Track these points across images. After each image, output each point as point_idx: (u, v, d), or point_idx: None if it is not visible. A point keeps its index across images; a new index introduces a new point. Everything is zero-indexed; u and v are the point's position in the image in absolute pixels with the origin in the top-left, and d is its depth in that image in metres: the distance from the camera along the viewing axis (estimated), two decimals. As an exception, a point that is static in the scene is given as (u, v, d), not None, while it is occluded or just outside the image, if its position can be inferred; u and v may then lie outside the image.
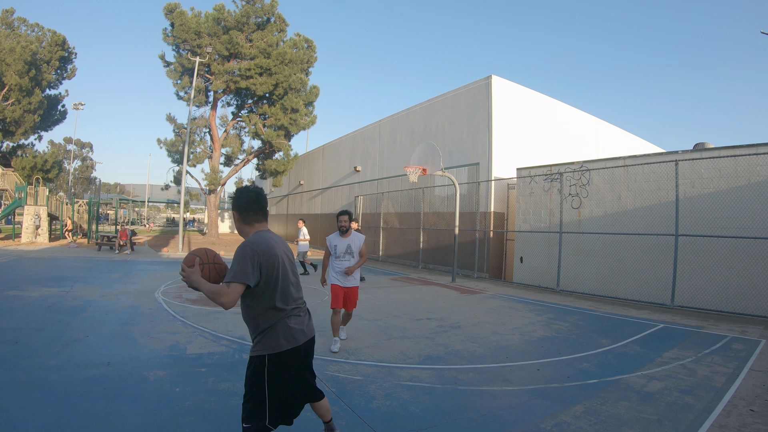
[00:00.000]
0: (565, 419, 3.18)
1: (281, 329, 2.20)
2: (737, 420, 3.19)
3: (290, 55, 22.65)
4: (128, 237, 16.57)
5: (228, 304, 2.02)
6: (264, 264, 2.10)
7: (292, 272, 2.31)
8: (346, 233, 4.93)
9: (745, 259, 7.21)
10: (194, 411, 3.09)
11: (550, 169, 10.67)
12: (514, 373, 4.23)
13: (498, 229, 12.46)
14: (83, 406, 3.09)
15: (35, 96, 24.75)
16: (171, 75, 23.47)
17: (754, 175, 7.29)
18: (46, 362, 3.96)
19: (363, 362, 4.40)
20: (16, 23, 26.28)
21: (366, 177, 19.50)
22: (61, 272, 10.06)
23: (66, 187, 49.36)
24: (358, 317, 6.42)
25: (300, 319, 2.31)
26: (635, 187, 8.98)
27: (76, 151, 56.11)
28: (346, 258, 4.88)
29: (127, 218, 44.16)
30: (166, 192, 31.75)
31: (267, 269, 2.12)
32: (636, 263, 8.72)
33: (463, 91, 13.92)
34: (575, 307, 7.93)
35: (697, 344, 5.40)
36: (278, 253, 2.20)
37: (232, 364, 4.17)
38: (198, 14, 22.39)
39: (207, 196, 25.24)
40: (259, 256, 2.09)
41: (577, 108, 15.80)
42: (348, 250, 4.89)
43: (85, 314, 5.96)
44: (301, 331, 2.28)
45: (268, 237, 2.23)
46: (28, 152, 27.92)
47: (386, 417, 3.15)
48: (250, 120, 23.80)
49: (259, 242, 2.14)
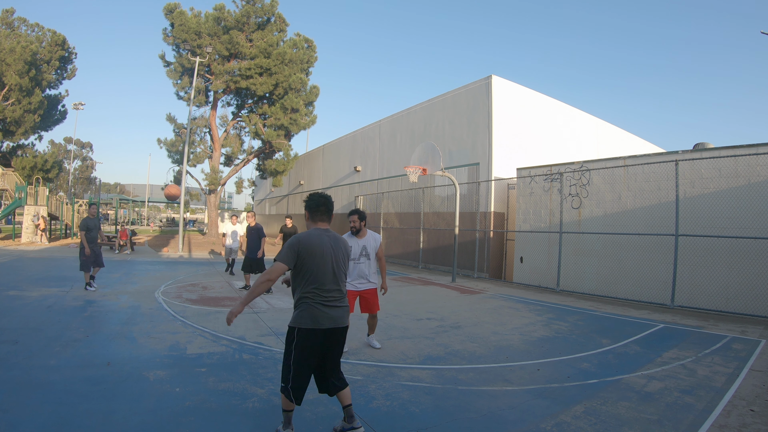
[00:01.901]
0: (565, 419, 3.18)
1: (310, 309, 2.62)
2: (737, 420, 3.19)
3: (290, 55, 22.64)
4: (128, 237, 16.58)
5: (272, 279, 2.59)
6: (302, 252, 2.62)
7: (334, 265, 2.72)
8: (359, 234, 4.63)
9: (745, 259, 7.20)
10: (194, 411, 3.09)
11: (550, 169, 10.67)
12: (514, 373, 4.23)
13: (498, 229, 12.46)
14: (83, 406, 3.09)
15: (35, 96, 24.76)
16: (171, 75, 23.47)
17: (754, 175, 7.29)
18: (46, 362, 3.96)
19: (363, 362, 4.40)
20: (16, 23, 26.29)
21: (366, 177, 19.50)
22: (61, 272, 10.05)
23: (66, 187, 49.35)
24: (357, 317, 6.42)
25: (329, 307, 2.67)
26: (635, 187, 8.98)
27: (76, 151, 56.11)
28: (361, 260, 4.62)
29: (127, 218, 44.16)
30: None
31: (304, 257, 2.62)
32: (636, 263, 8.71)
33: (463, 91, 13.92)
34: (575, 307, 7.93)
35: (697, 344, 5.40)
36: (321, 247, 2.67)
37: (232, 364, 4.17)
38: (198, 14, 22.38)
39: (207, 196, 25.24)
40: (299, 246, 2.63)
41: (577, 108, 15.80)
42: (363, 252, 4.62)
43: (85, 314, 5.96)
44: (329, 317, 2.65)
45: (319, 233, 2.74)
46: (28, 152, 27.93)
47: (386, 417, 3.15)
48: (250, 120, 23.80)
49: (305, 236, 2.70)
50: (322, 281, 2.65)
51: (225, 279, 10.26)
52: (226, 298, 7.65)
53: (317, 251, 2.66)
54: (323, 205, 2.84)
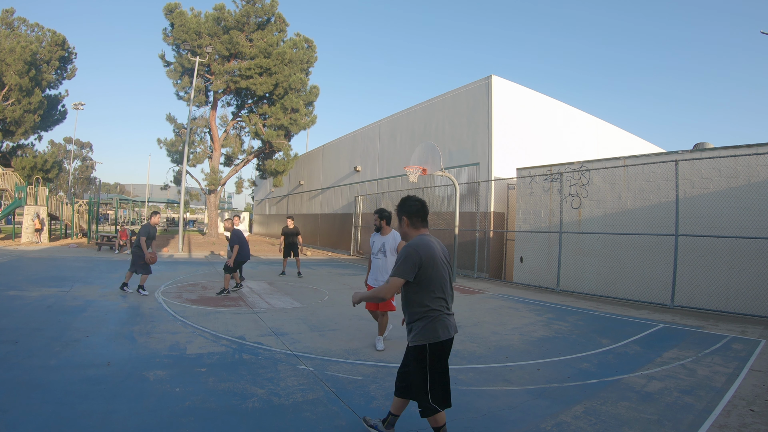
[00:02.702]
0: (565, 419, 3.18)
1: (438, 321, 2.52)
2: (737, 420, 3.19)
3: (290, 55, 22.65)
4: (128, 237, 16.56)
5: (388, 295, 2.56)
6: (424, 263, 2.49)
7: (448, 272, 2.62)
8: (382, 231, 4.99)
9: (745, 259, 7.20)
10: (194, 411, 3.09)
11: (550, 169, 10.67)
12: (514, 373, 4.23)
13: (498, 229, 12.46)
14: (83, 406, 3.09)
15: (35, 96, 24.76)
16: (171, 75, 23.48)
17: (754, 175, 7.29)
18: (46, 362, 3.96)
19: (363, 362, 4.40)
20: (16, 23, 26.29)
21: (366, 177, 19.50)
22: (61, 272, 10.05)
23: (66, 187, 49.38)
24: (358, 317, 6.43)
25: (450, 315, 2.62)
26: (635, 187, 8.98)
27: (76, 151, 56.12)
28: (379, 256, 4.93)
29: (127, 218, 44.16)
30: (166, 192, 31.79)
31: (426, 268, 2.49)
32: (636, 263, 8.71)
33: (463, 91, 13.92)
34: (575, 307, 7.93)
35: (697, 344, 5.40)
36: (438, 255, 2.56)
37: (232, 364, 4.17)
38: (198, 14, 22.39)
39: (207, 196, 25.25)
40: (420, 257, 2.49)
41: (577, 108, 15.80)
42: (381, 249, 4.92)
43: (85, 314, 5.96)
44: (453, 325, 2.59)
45: (429, 240, 2.61)
46: (28, 152, 27.93)
47: (386, 417, 3.14)
48: (250, 120, 23.80)
49: (421, 245, 2.54)
50: (444, 290, 2.55)
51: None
52: (226, 299, 7.65)
53: (438, 260, 2.54)
54: (423, 209, 2.71)
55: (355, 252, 19.35)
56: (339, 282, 10.49)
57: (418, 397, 2.53)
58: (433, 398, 2.49)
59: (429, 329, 2.49)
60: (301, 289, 9.02)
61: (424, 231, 2.70)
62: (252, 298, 7.75)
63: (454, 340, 2.61)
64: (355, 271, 12.96)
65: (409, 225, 2.71)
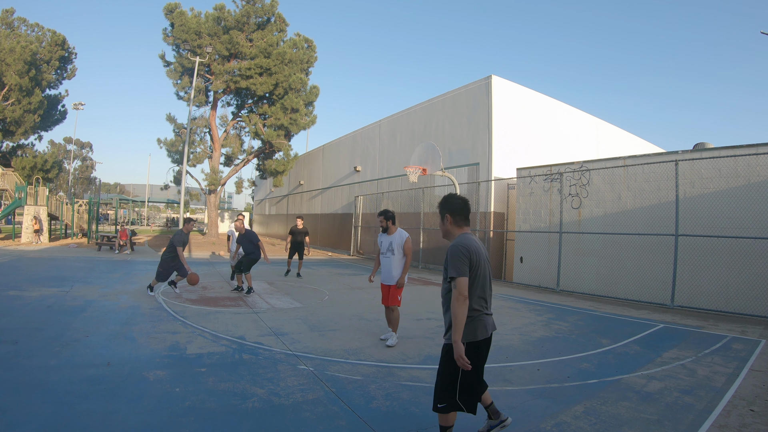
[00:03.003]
0: (565, 419, 3.18)
1: (479, 321, 2.54)
2: (737, 420, 3.19)
3: (290, 55, 22.64)
4: (128, 237, 16.57)
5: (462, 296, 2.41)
6: (473, 261, 2.47)
7: (489, 272, 2.64)
8: (388, 231, 5.19)
9: (745, 259, 7.20)
10: (194, 411, 3.09)
11: (550, 169, 10.67)
12: (514, 373, 4.23)
13: (498, 229, 12.46)
14: (83, 406, 3.09)
15: (35, 96, 24.76)
16: (171, 75, 23.47)
17: (754, 175, 7.29)
18: (46, 362, 3.96)
19: (363, 362, 4.40)
20: (16, 23, 26.29)
21: (366, 177, 19.50)
22: (61, 272, 10.05)
23: (66, 187, 49.37)
24: (358, 317, 6.43)
25: (489, 315, 2.65)
26: (635, 187, 8.98)
27: (76, 151, 56.11)
28: (387, 255, 5.12)
29: (127, 218, 44.16)
30: (166, 192, 31.78)
31: (475, 266, 2.48)
32: (636, 263, 8.71)
33: (463, 91, 13.92)
34: (575, 307, 7.93)
35: (697, 344, 5.40)
36: (483, 254, 2.56)
37: (232, 364, 4.17)
38: (198, 14, 22.39)
39: (207, 196, 25.23)
40: (470, 254, 2.47)
41: (577, 108, 15.80)
42: (390, 247, 5.11)
43: (85, 314, 5.96)
44: (492, 324, 2.63)
45: (474, 239, 2.60)
46: (28, 152, 27.94)
47: (386, 417, 3.15)
48: (250, 120, 23.80)
49: (468, 244, 2.51)
50: (485, 289, 2.57)
51: (225, 279, 10.26)
52: (226, 299, 7.65)
53: (483, 259, 2.54)
54: (466, 207, 2.69)
55: (355, 252, 19.34)
56: (339, 282, 10.49)
57: (444, 393, 2.50)
58: (461, 397, 2.49)
59: (467, 328, 2.48)
60: (301, 289, 9.02)
61: (467, 230, 2.68)
62: (252, 298, 7.75)
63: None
64: (355, 271, 12.97)
65: (452, 223, 2.68)
